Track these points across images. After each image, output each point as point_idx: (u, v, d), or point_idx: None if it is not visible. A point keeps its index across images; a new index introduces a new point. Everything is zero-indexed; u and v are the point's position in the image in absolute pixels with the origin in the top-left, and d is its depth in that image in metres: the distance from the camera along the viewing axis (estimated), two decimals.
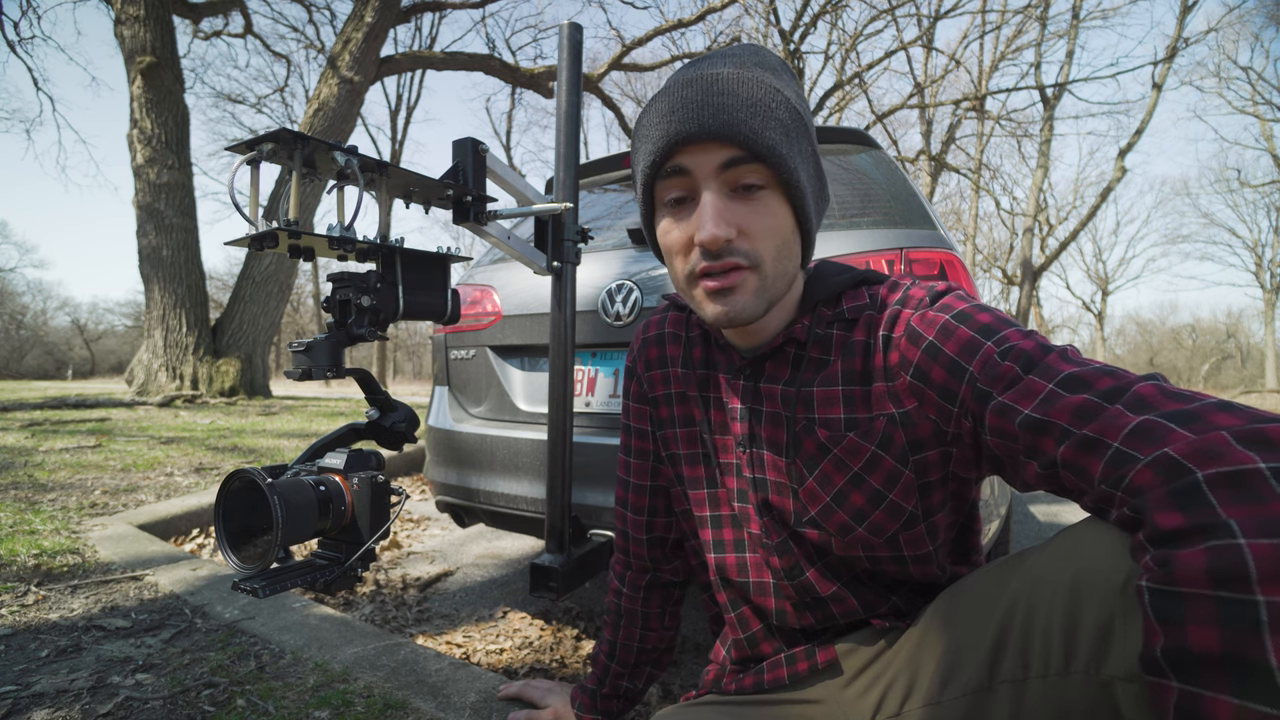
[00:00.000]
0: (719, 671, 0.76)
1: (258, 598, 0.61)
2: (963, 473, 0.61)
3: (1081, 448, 0.44)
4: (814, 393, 0.64)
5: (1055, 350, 0.50)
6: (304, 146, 0.66)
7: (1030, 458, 0.48)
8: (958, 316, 0.56)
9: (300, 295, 30.38)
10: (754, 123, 0.55)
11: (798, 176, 0.58)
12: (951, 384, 0.54)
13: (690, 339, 0.76)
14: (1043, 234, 23.14)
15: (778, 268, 0.59)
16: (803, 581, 0.67)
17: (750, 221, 0.57)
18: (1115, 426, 0.42)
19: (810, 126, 0.61)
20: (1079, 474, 0.44)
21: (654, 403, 0.79)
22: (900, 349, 0.59)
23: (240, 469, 0.63)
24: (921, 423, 0.59)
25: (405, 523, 2.88)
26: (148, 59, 6.72)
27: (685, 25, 11.65)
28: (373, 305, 0.71)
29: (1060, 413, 0.46)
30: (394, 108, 22.05)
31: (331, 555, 0.71)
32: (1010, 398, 0.49)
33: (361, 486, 0.69)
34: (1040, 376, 0.48)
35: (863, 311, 0.64)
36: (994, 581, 0.55)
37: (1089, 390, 0.46)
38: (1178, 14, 15.49)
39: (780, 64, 0.63)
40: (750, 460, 0.69)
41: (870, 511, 0.61)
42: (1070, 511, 3.21)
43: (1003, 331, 0.54)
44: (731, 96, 0.55)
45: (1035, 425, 0.47)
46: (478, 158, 0.94)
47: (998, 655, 0.51)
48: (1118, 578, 0.42)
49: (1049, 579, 0.48)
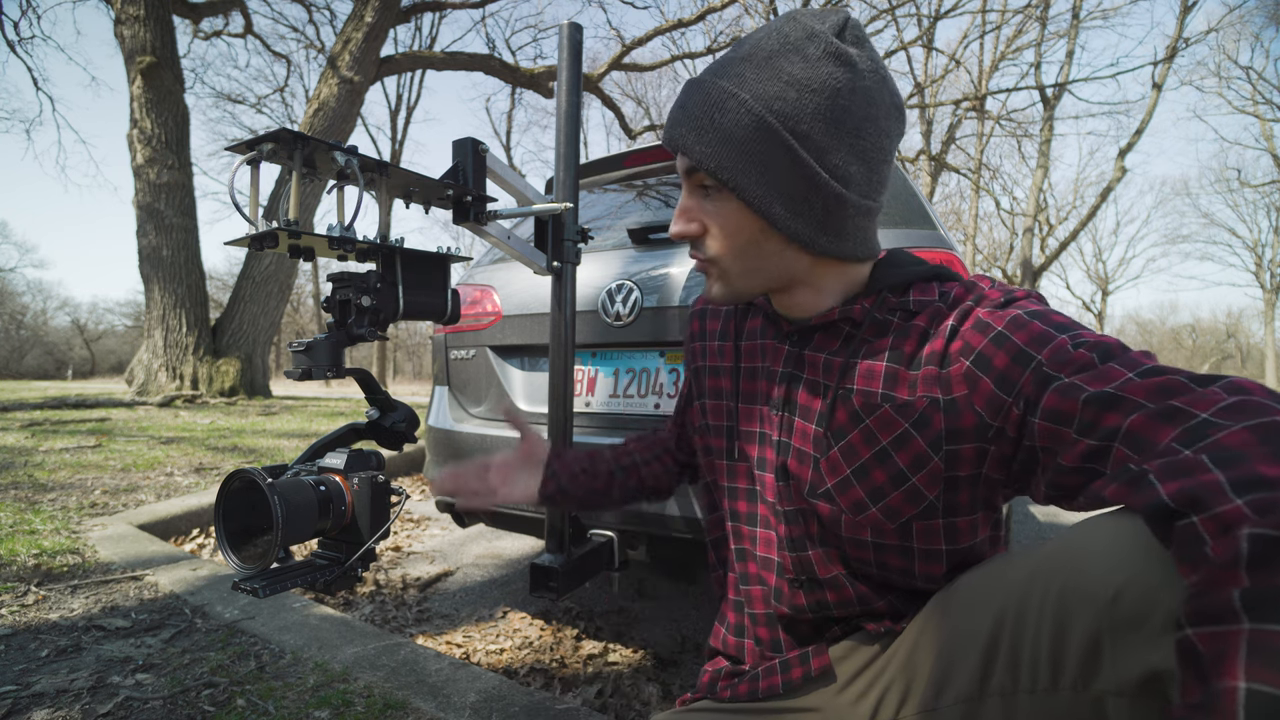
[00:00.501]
0: (714, 675, 0.76)
1: (258, 598, 0.61)
2: (995, 474, 0.59)
3: (1158, 417, 0.42)
4: (857, 364, 0.63)
5: (1139, 350, 0.50)
6: (304, 146, 0.65)
7: (1084, 435, 0.46)
8: (1032, 314, 0.56)
9: (300, 295, 30.40)
10: (689, 137, 0.60)
11: (738, 185, 0.59)
12: (1013, 371, 0.53)
13: (740, 311, 0.78)
14: (1043, 234, 23.13)
15: (741, 265, 0.64)
16: (803, 557, 0.67)
17: (708, 221, 0.64)
18: (1207, 401, 0.41)
19: (794, 124, 0.57)
20: (1137, 446, 0.42)
21: (695, 373, 0.84)
22: (965, 338, 0.58)
23: (240, 469, 0.63)
24: (966, 412, 0.57)
25: (405, 523, 2.88)
26: (148, 59, 6.72)
27: (685, 25, 11.64)
28: (373, 305, 0.71)
29: (1137, 390, 0.44)
30: (394, 108, 22.06)
31: (332, 555, 0.71)
32: (1081, 379, 0.48)
33: (362, 486, 0.69)
34: (1120, 365, 0.47)
35: (929, 305, 0.63)
36: (987, 585, 0.54)
37: (1180, 375, 0.44)
38: (1178, 14, 15.49)
39: (786, 44, 0.59)
40: (781, 423, 0.69)
41: (889, 491, 0.60)
42: (1070, 512, 3.20)
43: (1079, 330, 0.54)
44: (685, 110, 0.61)
45: (1106, 400, 0.45)
46: (478, 158, 0.94)
47: (988, 666, 0.51)
48: (1107, 591, 0.41)
49: (1038, 588, 0.47)
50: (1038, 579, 0.47)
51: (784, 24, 0.61)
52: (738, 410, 0.74)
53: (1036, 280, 18.87)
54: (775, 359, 0.71)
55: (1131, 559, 0.41)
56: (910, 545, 0.62)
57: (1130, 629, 0.40)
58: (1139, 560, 0.40)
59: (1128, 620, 0.40)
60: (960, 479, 0.59)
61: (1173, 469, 0.38)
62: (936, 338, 0.60)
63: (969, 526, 0.61)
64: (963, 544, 0.62)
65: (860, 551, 0.64)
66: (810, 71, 0.57)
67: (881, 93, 0.60)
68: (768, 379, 0.71)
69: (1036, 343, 0.53)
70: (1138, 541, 0.41)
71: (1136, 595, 0.40)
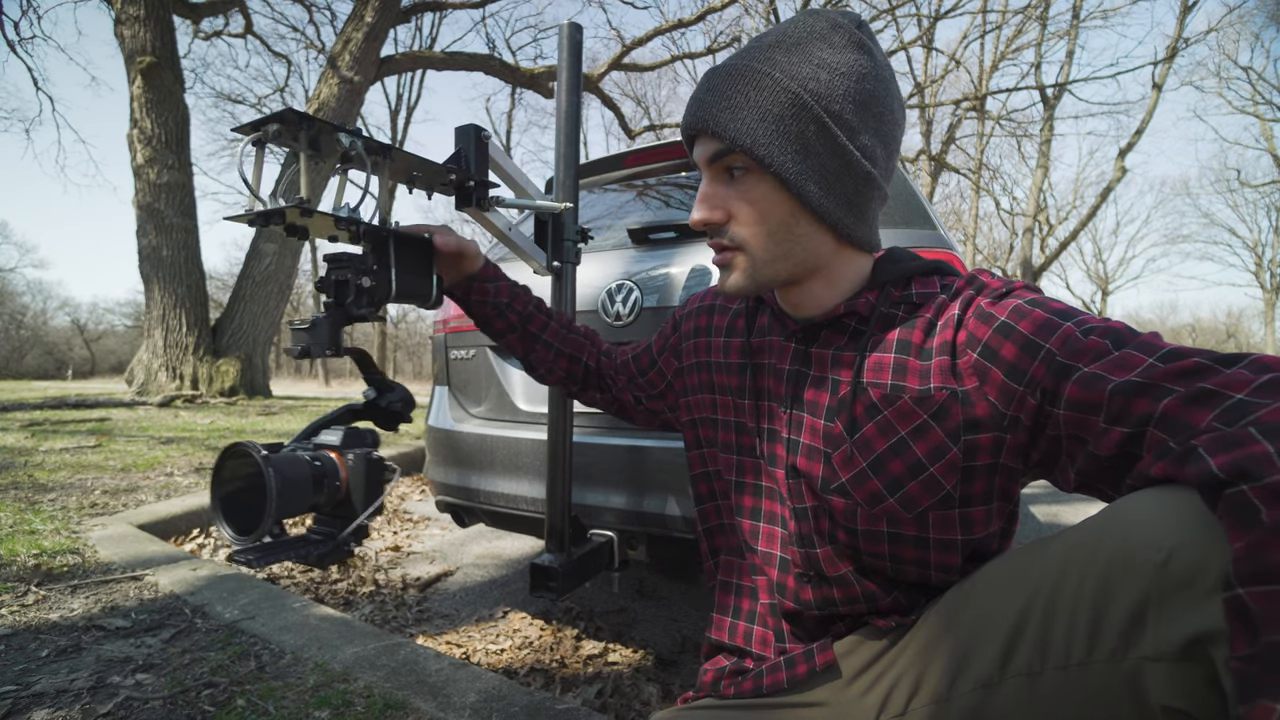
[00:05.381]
0: (717, 674, 0.76)
1: (252, 569, 0.62)
2: (1012, 462, 0.59)
3: (1192, 400, 0.42)
4: (868, 358, 0.64)
5: (1147, 332, 0.50)
6: (309, 127, 0.66)
7: (1115, 423, 0.47)
8: (1032, 302, 0.56)
9: (300, 295, 30.36)
10: (722, 115, 0.60)
11: (774, 162, 0.59)
12: (1023, 361, 0.54)
13: (750, 308, 0.78)
14: (1043, 234, 23.12)
15: (771, 250, 0.63)
16: (811, 554, 0.67)
17: (736, 206, 0.63)
18: (1240, 382, 0.41)
19: (827, 103, 0.59)
20: (1174, 428, 0.43)
21: (682, 371, 0.85)
22: (969, 328, 0.59)
23: (237, 443, 0.64)
24: (979, 403, 0.58)
25: (405, 523, 2.88)
26: (148, 59, 6.71)
27: (685, 25, 11.65)
28: (372, 286, 0.72)
29: (1166, 375, 0.44)
30: (394, 108, 22.06)
31: (326, 530, 0.72)
32: (1101, 368, 0.48)
33: (356, 462, 0.70)
34: (1138, 350, 0.48)
35: (932, 298, 0.64)
36: (1014, 570, 0.54)
37: (1200, 357, 0.44)
38: (1178, 14, 15.50)
39: (813, 32, 0.61)
40: (789, 421, 0.69)
41: (906, 481, 0.60)
42: (1071, 511, 3.20)
43: (1081, 315, 0.54)
44: (715, 92, 0.61)
45: (1134, 388, 0.46)
46: (480, 144, 0.94)
47: (1012, 647, 0.50)
48: (1158, 555, 0.40)
49: (1077, 562, 0.46)
50: (1076, 555, 0.47)
51: (805, 17, 0.63)
52: (747, 406, 0.75)
53: (1037, 280, 18.87)
54: (782, 356, 0.71)
55: (1181, 524, 0.41)
56: (926, 535, 0.62)
57: (1179, 591, 0.40)
58: (1190, 525, 0.40)
59: (1177, 582, 0.40)
60: (977, 468, 0.59)
61: (1221, 443, 0.39)
62: (945, 328, 0.61)
63: (984, 516, 0.61)
64: (978, 534, 0.62)
65: (875, 545, 0.64)
66: (838, 56, 0.60)
67: (893, 84, 0.64)
68: (775, 377, 0.72)
69: (1043, 331, 0.53)
70: (1188, 509, 0.41)
71: (1188, 557, 0.39)
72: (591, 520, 1.35)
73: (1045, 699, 0.48)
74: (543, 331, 0.92)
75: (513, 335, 0.91)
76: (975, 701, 0.53)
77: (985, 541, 0.63)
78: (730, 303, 0.82)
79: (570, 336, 0.94)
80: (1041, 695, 0.48)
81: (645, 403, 0.92)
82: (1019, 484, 0.62)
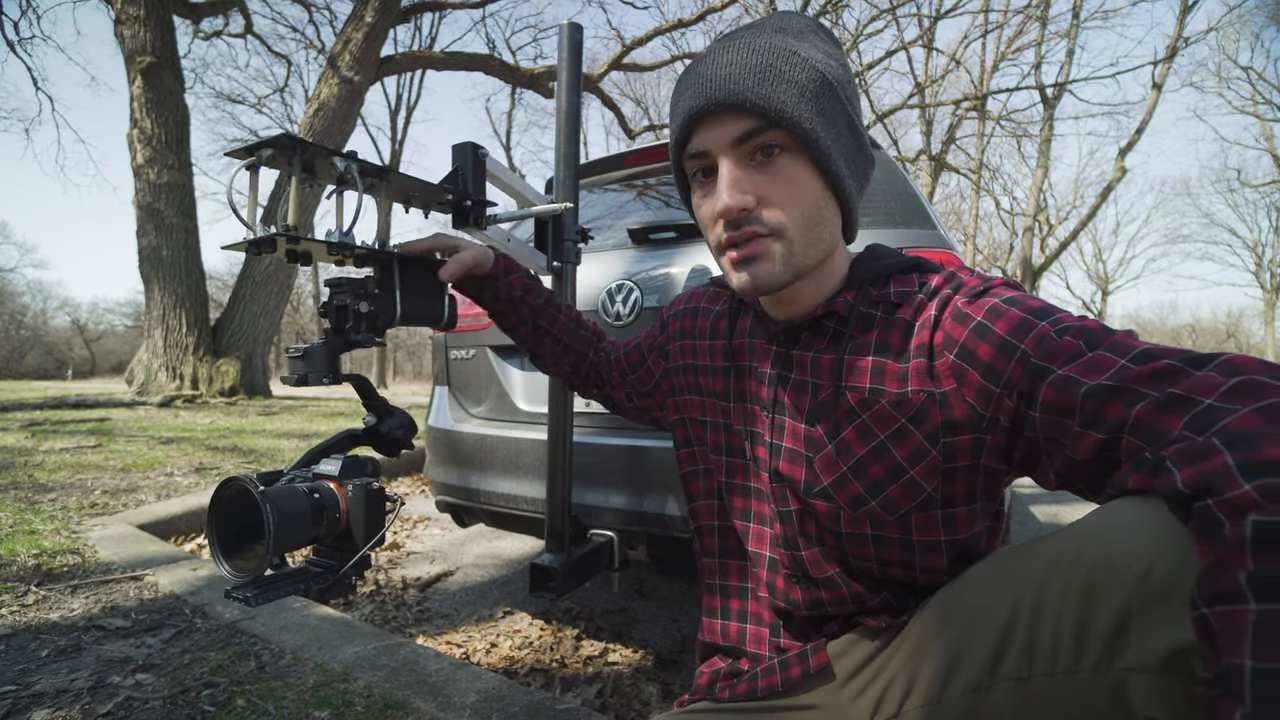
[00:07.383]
0: (713, 677, 0.76)
1: (249, 606, 0.61)
2: (994, 463, 0.59)
3: (1163, 406, 0.42)
4: (844, 361, 0.63)
5: (1121, 331, 0.50)
6: (303, 152, 0.65)
7: (1090, 428, 0.46)
8: (1008, 301, 0.56)
9: (300, 295, 30.41)
10: (761, 88, 0.55)
11: (818, 137, 0.57)
12: (999, 362, 0.53)
13: (733, 310, 0.77)
14: (1043, 234, 23.13)
15: (806, 235, 0.60)
16: (797, 556, 0.67)
17: (770, 189, 0.58)
18: (1209, 386, 0.40)
19: (842, 88, 0.60)
20: (1148, 436, 0.42)
21: (669, 372, 0.85)
22: (946, 329, 0.58)
23: (233, 476, 0.63)
24: (958, 405, 0.57)
25: (404, 523, 2.88)
26: (148, 59, 6.72)
27: (685, 25, 11.64)
28: (370, 311, 0.71)
29: (1138, 379, 0.44)
30: (394, 108, 22.06)
31: (326, 563, 0.70)
32: (1074, 370, 0.48)
33: (356, 493, 0.68)
34: (1110, 352, 0.47)
35: (910, 298, 0.63)
36: (1002, 571, 0.54)
37: (1171, 358, 0.44)
38: (1178, 14, 15.49)
39: (807, 26, 0.62)
40: (772, 425, 0.69)
41: (887, 485, 0.60)
42: (1071, 511, 3.20)
43: (1056, 314, 0.53)
44: (739, 65, 0.56)
45: (1106, 392, 0.45)
46: (477, 162, 0.94)
47: (1001, 652, 0.50)
48: (1139, 565, 0.40)
49: (1062, 566, 0.46)
50: (1061, 560, 0.47)
51: (785, 16, 0.64)
52: (732, 409, 0.75)
53: (1036, 280, 18.88)
54: (763, 360, 0.71)
55: (1160, 536, 0.41)
56: (910, 538, 0.62)
57: (1159, 604, 0.40)
58: (1168, 536, 0.40)
59: (1156, 595, 0.40)
60: (958, 470, 0.59)
61: (1187, 455, 0.39)
62: (922, 329, 0.60)
63: (968, 517, 0.61)
64: (962, 534, 0.62)
65: (860, 547, 0.64)
66: (833, 49, 0.62)
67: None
68: (757, 380, 0.71)
69: (1018, 331, 0.53)
70: (1164, 520, 0.41)
71: (1167, 569, 0.39)
72: (591, 520, 1.35)
73: (1034, 705, 0.48)
74: (552, 326, 0.92)
75: (524, 329, 0.92)
76: (966, 705, 0.53)
77: (971, 541, 0.63)
78: (713, 304, 0.81)
79: (579, 332, 0.95)
80: (1030, 701, 0.48)
81: (635, 400, 0.92)
82: (1003, 483, 0.61)
